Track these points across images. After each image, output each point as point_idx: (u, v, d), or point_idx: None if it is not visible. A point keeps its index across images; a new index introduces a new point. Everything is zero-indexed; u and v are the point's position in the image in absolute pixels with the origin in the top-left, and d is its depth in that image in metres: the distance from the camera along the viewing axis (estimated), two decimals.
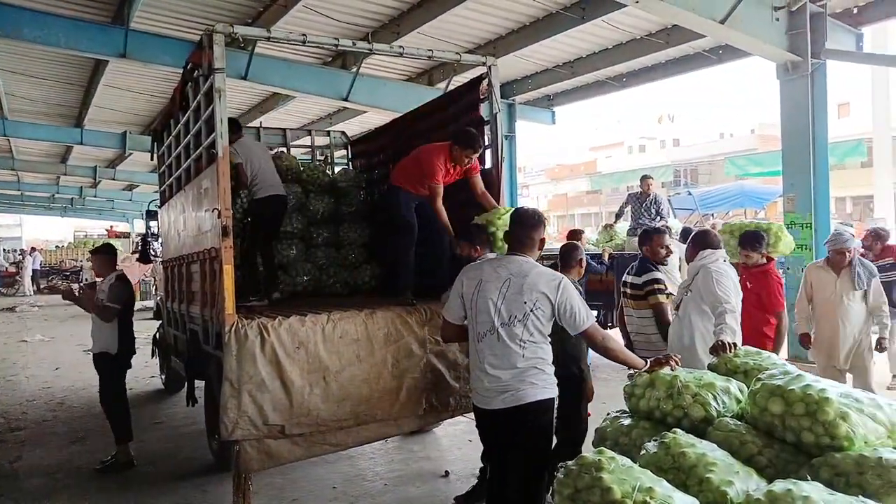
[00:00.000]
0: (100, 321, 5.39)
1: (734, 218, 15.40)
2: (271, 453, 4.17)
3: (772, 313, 4.85)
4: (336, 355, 4.35)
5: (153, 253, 10.35)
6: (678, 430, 2.56)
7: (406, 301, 4.86)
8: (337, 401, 4.31)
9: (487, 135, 5.47)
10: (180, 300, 6.24)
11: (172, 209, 6.72)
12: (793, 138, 7.91)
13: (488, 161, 5.43)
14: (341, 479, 5.01)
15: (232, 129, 4.81)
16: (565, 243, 5.14)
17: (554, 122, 13.25)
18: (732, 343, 3.42)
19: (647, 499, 2.07)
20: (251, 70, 9.12)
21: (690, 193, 16.53)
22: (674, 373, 2.97)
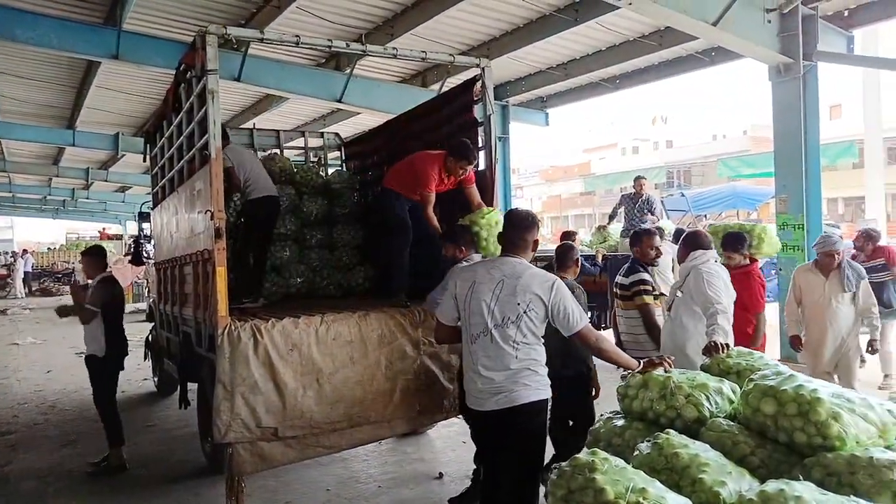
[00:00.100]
0: (90, 324, 5.36)
1: (727, 219, 15.48)
2: (264, 456, 4.16)
3: (752, 314, 4.86)
4: (329, 357, 4.34)
5: (146, 255, 10.27)
6: (671, 431, 2.57)
7: (400, 303, 4.87)
8: (330, 403, 4.31)
9: (481, 136, 5.48)
10: (173, 302, 6.21)
11: (165, 211, 6.69)
12: (785, 140, 7.94)
13: (482, 163, 5.44)
14: (335, 482, 5.00)
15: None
16: (561, 244, 5.17)
17: (548, 124, 13.28)
18: (725, 344, 3.44)
19: (641, 499, 2.08)
20: (244, 71, 9.09)
21: (683, 195, 16.62)
22: (667, 374, 2.98)
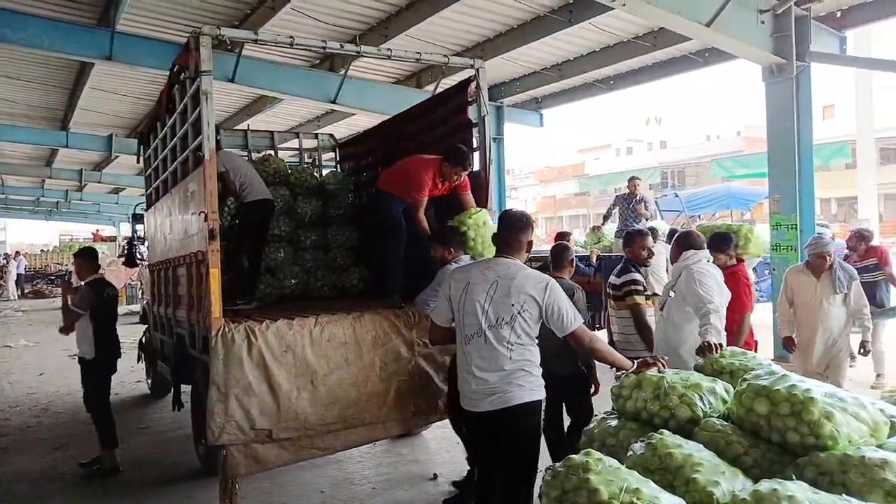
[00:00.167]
0: (80, 326, 5.36)
1: (721, 219, 15.53)
2: (259, 458, 4.15)
3: (738, 314, 4.82)
4: (324, 359, 4.34)
5: (139, 256, 10.23)
6: (665, 431, 2.57)
7: (394, 304, 4.86)
8: (325, 404, 4.30)
9: (476, 137, 5.49)
10: (167, 304, 6.19)
11: (159, 212, 6.68)
12: (778, 140, 7.96)
13: (477, 163, 5.44)
14: (329, 483, 4.99)
15: None
16: (556, 244, 5.19)
17: (542, 125, 13.28)
18: (718, 344, 3.44)
19: (634, 500, 2.08)
20: (238, 72, 9.08)
21: (677, 195, 16.64)
22: (661, 374, 2.98)
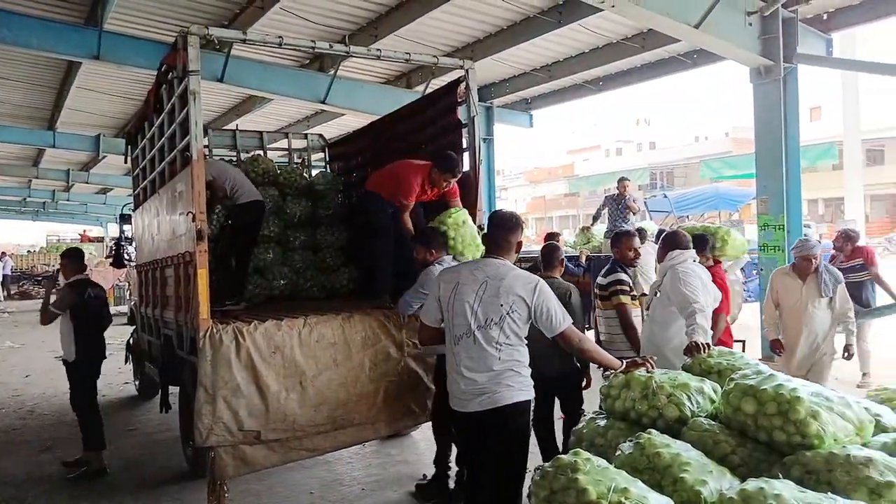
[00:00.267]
0: (62, 327, 5.37)
1: (709, 220, 15.62)
2: (247, 459, 4.13)
3: (714, 315, 4.85)
4: (313, 359, 4.32)
5: (127, 257, 10.15)
6: (653, 431, 2.57)
7: (384, 304, 4.85)
8: (314, 405, 4.29)
9: (465, 137, 5.49)
10: (154, 305, 6.15)
11: (146, 213, 6.63)
12: (765, 141, 8.01)
13: (466, 164, 5.44)
14: (318, 485, 4.97)
15: None
16: (546, 244, 5.21)
17: (532, 126, 13.32)
18: (706, 343, 3.46)
19: (623, 499, 2.09)
20: (227, 72, 9.03)
21: (666, 196, 16.73)
22: (649, 374, 3.00)
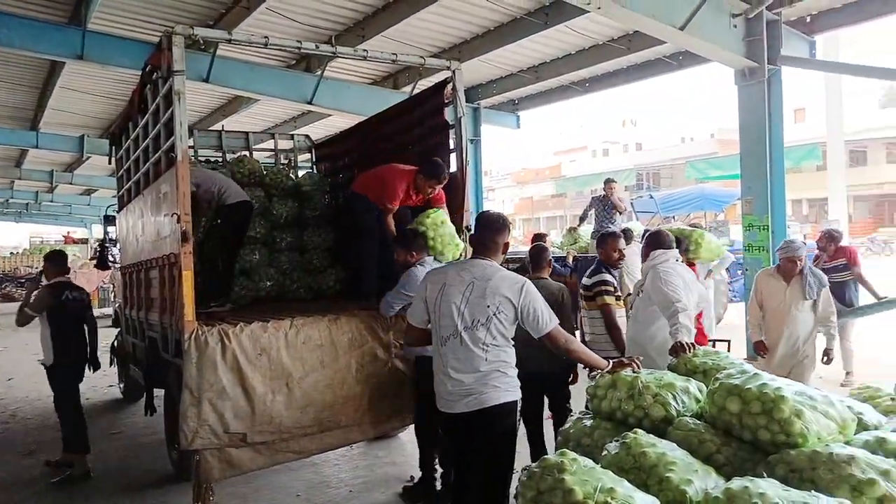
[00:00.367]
0: (41, 330, 5.33)
1: (695, 220, 15.70)
2: (233, 462, 4.11)
3: None
4: (299, 361, 4.30)
5: (111, 259, 10.05)
6: (639, 431, 2.58)
7: (370, 306, 4.84)
8: (300, 407, 4.27)
9: (452, 138, 5.49)
10: (139, 307, 6.10)
11: (131, 214, 6.57)
12: (750, 142, 8.08)
13: (454, 165, 5.44)
14: (305, 487, 4.95)
15: None
16: (534, 245, 5.23)
17: (519, 127, 13.34)
18: (690, 343, 3.48)
19: (609, 499, 2.09)
20: (213, 72, 8.96)
21: (652, 197, 16.79)
22: (635, 374, 3.01)
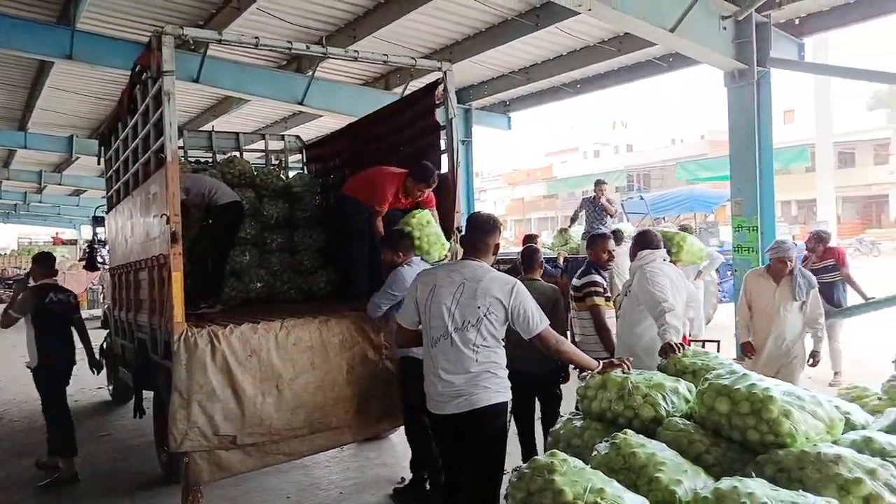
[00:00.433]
0: (26, 332, 5.28)
1: (685, 222, 15.77)
2: (222, 464, 4.09)
3: None
4: (290, 363, 4.29)
5: (100, 260, 9.98)
6: (629, 431, 2.59)
7: (361, 307, 4.83)
8: (290, 409, 4.26)
9: (444, 139, 5.49)
10: (128, 308, 6.06)
11: (120, 215, 6.53)
12: (739, 144, 8.11)
13: (445, 166, 5.45)
14: (295, 489, 4.93)
15: None
16: (526, 246, 5.25)
17: (510, 128, 13.35)
18: (679, 344, 3.49)
19: (598, 500, 2.10)
20: (203, 73, 8.93)
21: (643, 198, 16.84)
22: (625, 374, 3.02)
